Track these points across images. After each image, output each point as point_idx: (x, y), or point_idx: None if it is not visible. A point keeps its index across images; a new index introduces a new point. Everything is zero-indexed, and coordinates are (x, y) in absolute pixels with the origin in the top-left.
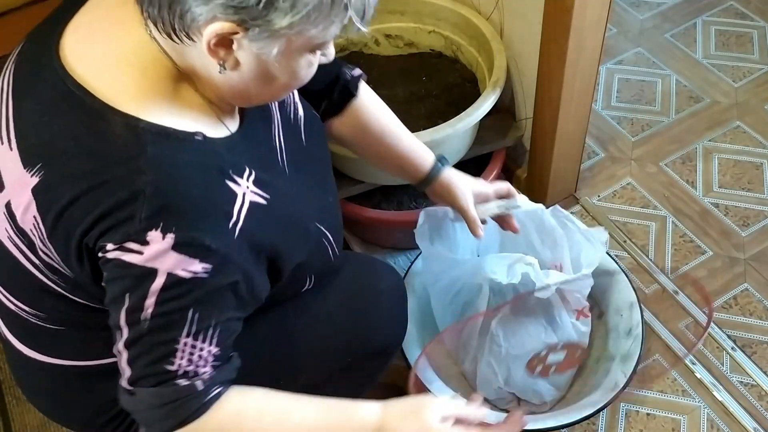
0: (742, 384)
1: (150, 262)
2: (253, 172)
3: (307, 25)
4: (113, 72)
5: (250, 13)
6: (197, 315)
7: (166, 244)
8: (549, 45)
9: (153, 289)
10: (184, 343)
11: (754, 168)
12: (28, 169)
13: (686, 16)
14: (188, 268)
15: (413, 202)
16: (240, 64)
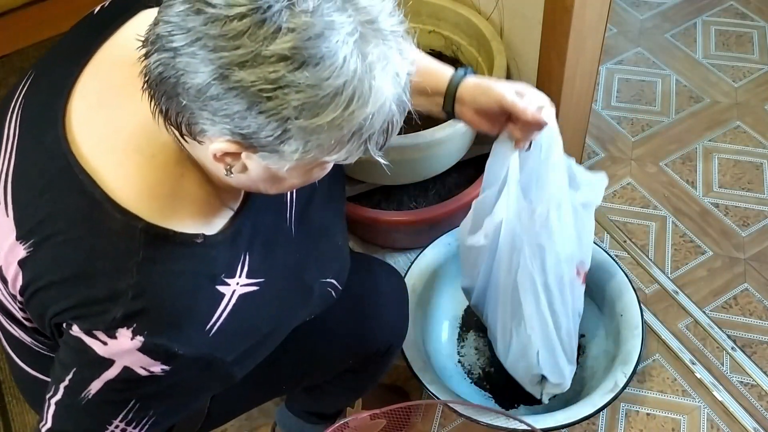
0: (742, 384)
1: (111, 355)
2: (248, 260)
3: (319, 155)
4: (119, 157)
5: (259, 142)
6: (138, 405)
7: (133, 345)
8: (549, 45)
9: (103, 377)
10: (116, 425)
11: (754, 168)
12: (21, 242)
13: (686, 16)
14: (147, 368)
15: (413, 202)
16: (248, 169)
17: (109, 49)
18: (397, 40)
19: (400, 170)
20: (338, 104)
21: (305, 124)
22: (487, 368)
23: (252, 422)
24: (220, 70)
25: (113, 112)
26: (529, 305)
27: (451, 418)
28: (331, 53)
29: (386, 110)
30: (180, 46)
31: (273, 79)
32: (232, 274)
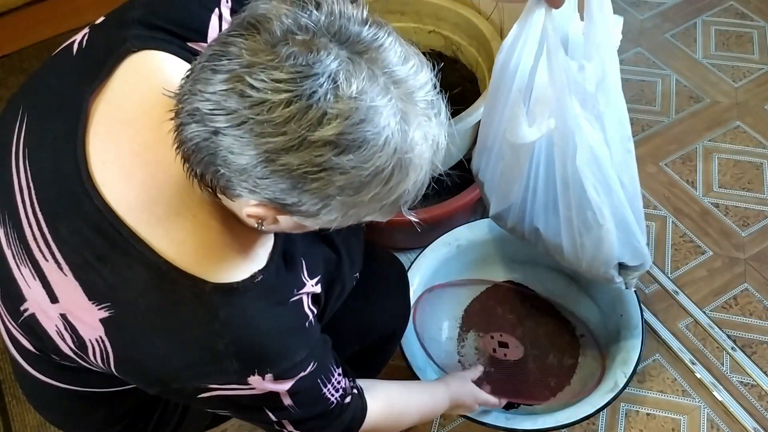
0: (742, 384)
1: (266, 391)
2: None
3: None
4: (165, 225)
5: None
6: (321, 375)
7: (268, 381)
8: None
9: (283, 397)
10: (327, 390)
11: (754, 168)
12: (95, 303)
13: (686, 16)
14: (298, 377)
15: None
16: (279, 222)
17: (108, 103)
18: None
19: None
20: (380, 181)
21: (348, 200)
22: (487, 368)
23: None
24: (267, 154)
25: (142, 180)
26: (595, 192)
27: (451, 418)
28: (374, 135)
29: (423, 177)
30: (223, 126)
31: (319, 163)
32: (300, 285)
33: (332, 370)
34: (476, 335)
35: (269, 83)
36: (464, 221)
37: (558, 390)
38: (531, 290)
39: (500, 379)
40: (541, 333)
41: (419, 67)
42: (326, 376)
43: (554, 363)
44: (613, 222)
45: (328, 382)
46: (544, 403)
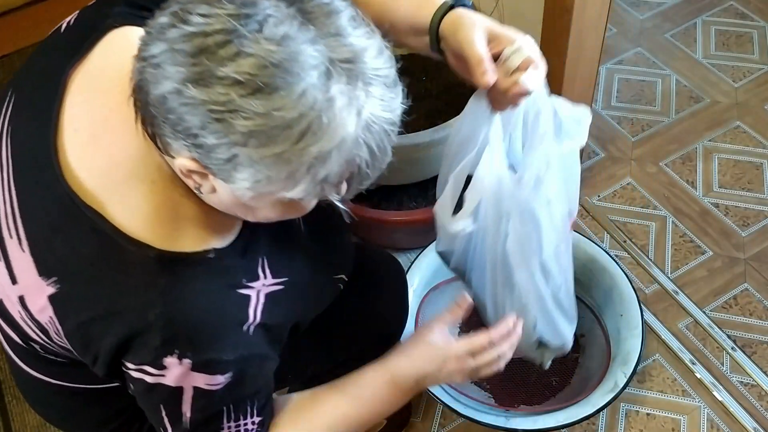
0: (742, 384)
1: (173, 382)
2: (268, 263)
3: (271, 188)
4: (122, 188)
5: (212, 164)
6: (232, 405)
7: (184, 368)
8: (549, 45)
9: (184, 402)
10: (228, 426)
11: (754, 168)
12: (44, 278)
13: (686, 16)
14: (212, 383)
15: (413, 202)
16: (216, 191)
17: (85, 74)
18: (378, 82)
19: (400, 170)
20: (288, 137)
21: (252, 152)
22: None
23: None
24: (176, 84)
25: (108, 144)
26: (522, 274)
27: (451, 418)
28: (288, 85)
29: (347, 152)
30: (151, 55)
31: (222, 102)
32: (254, 277)
33: (248, 410)
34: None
35: (201, 17)
36: None
37: (558, 390)
38: None
39: (500, 380)
40: None
41: (368, 37)
42: (236, 410)
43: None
44: (537, 307)
45: (233, 420)
46: (544, 403)
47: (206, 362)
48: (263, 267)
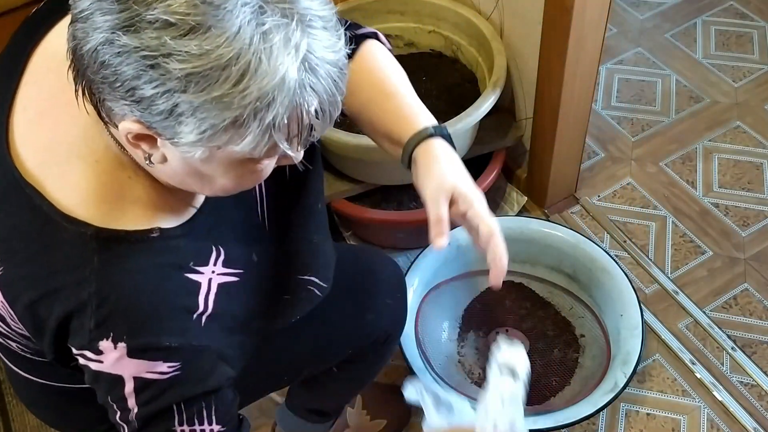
0: (742, 384)
1: (112, 369)
2: (222, 252)
3: (218, 139)
4: (63, 167)
5: (156, 121)
6: (183, 405)
7: (119, 353)
8: (549, 45)
9: (128, 393)
10: (182, 430)
11: (754, 168)
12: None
13: (686, 16)
14: (153, 371)
15: (413, 202)
16: (168, 160)
17: (42, 54)
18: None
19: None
20: (227, 78)
21: (192, 98)
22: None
23: (252, 422)
24: (106, 34)
25: (54, 121)
26: None
27: None
28: (221, 22)
29: (289, 94)
30: (80, 11)
31: (155, 46)
32: (203, 262)
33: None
34: (476, 335)
35: None
36: None
37: (558, 390)
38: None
39: None
40: (548, 325)
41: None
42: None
43: (558, 358)
44: None
45: (187, 423)
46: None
47: (144, 347)
48: (217, 254)
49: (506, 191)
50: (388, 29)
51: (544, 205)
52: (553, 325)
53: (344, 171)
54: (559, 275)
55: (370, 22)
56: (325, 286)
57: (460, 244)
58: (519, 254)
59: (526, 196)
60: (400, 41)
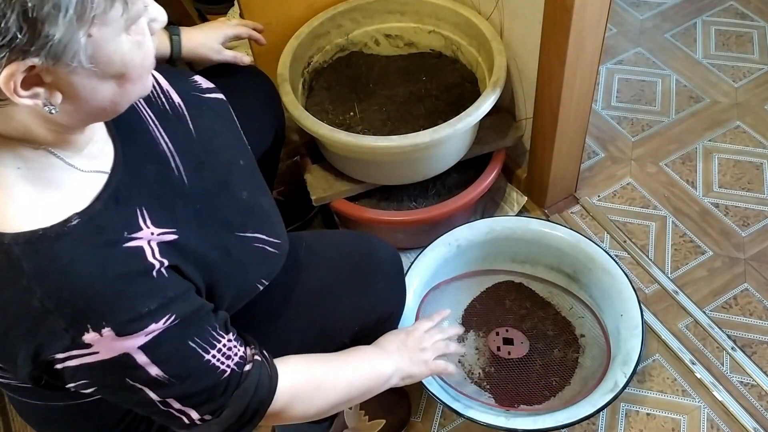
0: (742, 384)
1: (112, 352)
2: (147, 212)
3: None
4: None
5: (23, 44)
6: (196, 338)
7: (108, 338)
8: (549, 45)
9: (143, 362)
10: (212, 356)
11: (754, 168)
12: None
13: (686, 16)
14: (151, 332)
15: (413, 202)
16: (65, 92)
17: None
18: None
19: (400, 170)
20: None
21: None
22: (487, 368)
23: None
24: None
25: None
26: None
27: (451, 418)
28: None
29: None
30: None
31: None
32: (136, 228)
33: (215, 334)
34: (476, 335)
35: None
36: (464, 221)
37: (558, 390)
38: (531, 289)
39: (500, 380)
40: (548, 325)
41: None
42: (205, 338)
43: (558, 358)
44: None
45: (212, 348)
46: (544, 403)
47: (128, 323)
48: (143, 218)
49: (506, 191)
50: (388, 29)
51: (544, 205)
52: (553, 325)
53: (344, 171)
54: (559, 275)
55: (370, 22)
56: (279, 242)
57: (461, 244)
58: (519, 254)
59: (526, 196)
60: (400, 41)
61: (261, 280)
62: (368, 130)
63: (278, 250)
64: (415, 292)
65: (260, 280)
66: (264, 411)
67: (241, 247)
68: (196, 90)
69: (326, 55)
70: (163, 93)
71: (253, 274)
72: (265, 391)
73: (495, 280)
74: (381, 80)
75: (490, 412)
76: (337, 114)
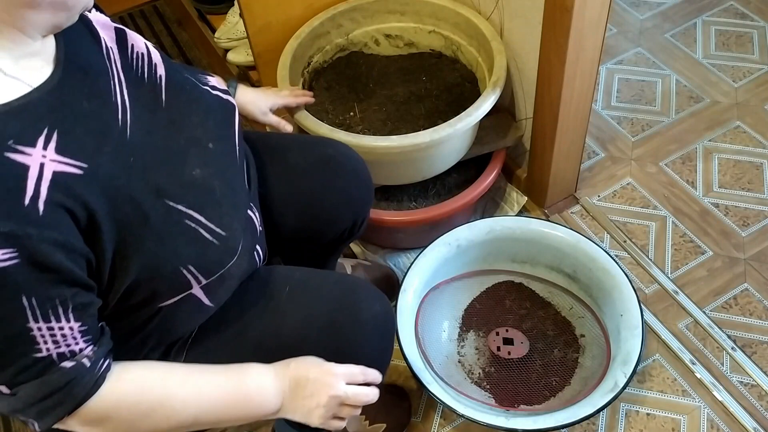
0: (742, 384)
1: None
2: (56, 137)
3: None
4: None
5: None
6: (33, 300)
7: None
8: (549, 45)
9: None
10: (38, 328)
11: (754, 168)
12: None
13: (686, 16)
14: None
15: (413, 202)
16: None
17: None
18: None
19: (400, 170)
20: None
21: None
22: (487, 368)
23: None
24: None
25: None
26: None
27: (451, 418)
28: None
29: None
30: None
31: None
32: (27, 142)
33: (60, 312)
34: (476, 335)
35: None
36: (464, 221)
37: (558, 390)
38: (531, 289)
39: (500, 380)
40: (548, 325)
41: None
42: (43, 306)
43: (558, 358)
44: None
45: (44, 320)
46: (544, 403)
47: None
48: (47, 140)
49: (506, 191)
50: (388, 29)
51: (544, 205)
52: (553, 325)
53: None
54: (559, 275)
55: (371, 22)
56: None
57: (461, 244)
58: (519, 254)
59: (526, 196)
60: (400, 41)
61: (189, 267)
62: (368, 130)
63: (218, 241)
64: (415, 292)
65: (187, 266)
66: (59, 415)
67: (166, 217)
68: (199, 81)
69: (326, 55)
70: (149, 62)
71: (177, 253)
72: (70, 397)
73: (495, 280)
74: (381, 80)
75: (490, 412)
76: (337, 114)
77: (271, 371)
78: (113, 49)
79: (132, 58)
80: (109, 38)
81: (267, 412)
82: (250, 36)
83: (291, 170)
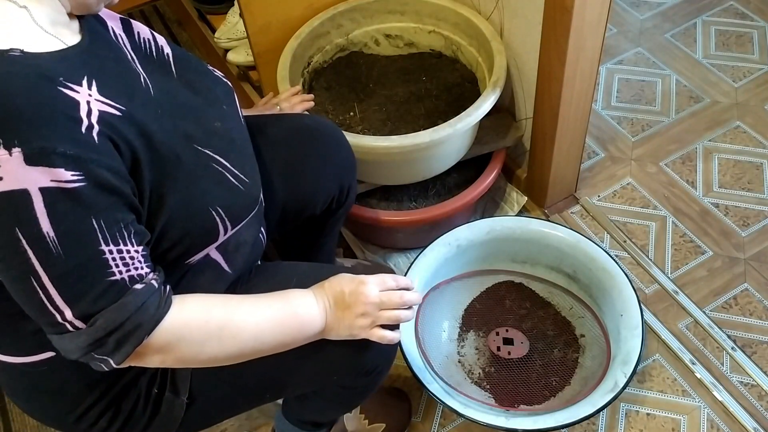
0: (742, 384)
1: (14, 184)
2: (95, 83)
3: None
4: None
5: None
6: (102, 221)
7: (17, 160)
8: (549, 45)
9: (39, 211)
10: (109, 251)
11: (754, 168)
12: None
13: (686, 16)
14: (58, 179)
15: (413, 202)
16: None
17: None
18: None
19: (400, 170)
20: None
21: None
22: (487, 368)
23: (252, 422)
24: None
25: None
26: None
27: (451, 418)
28: None
29: None
30: None
31: None
32: (75, 81)
33: (125, 234)
34: (476, 335)
35: None
36: (464, 221)
37: (558, 390)
38: (531, 289)
39: (500, 380)
40: (548, 325)
41: None
42: (111, 229)
43: (558, 358)
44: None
45: (114, 243)
46: (544, 403)
47: (41, 151)
48: (89, 83)
49: (506, 191)
50: (388, 29)
51: (544, 205)
52: (553, 325)
53: None
54: (559, 275)
55: (371, 22)
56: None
57: (461, 244)
58: (519, 254)
59: (526, 196)
60: (400, 41)
61: (217, 209)
62: (368, 130)
63: (242, 186)
64: None
65: (216, 207)
66: (139, 338)
67: (196, 160)
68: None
69: (326, 55)
70: (155, 44)
71: (206, 192)
72: (147, 317)
73: (495, 280)
74: (381, 80)
75: (490, 412)
76: (337, 114)
77: (311, 292)
78: (121, 36)
79: (139, 42)
80: (116, 27)
81: (315, 332)
82: (250, 36)
83: (271, 142)
